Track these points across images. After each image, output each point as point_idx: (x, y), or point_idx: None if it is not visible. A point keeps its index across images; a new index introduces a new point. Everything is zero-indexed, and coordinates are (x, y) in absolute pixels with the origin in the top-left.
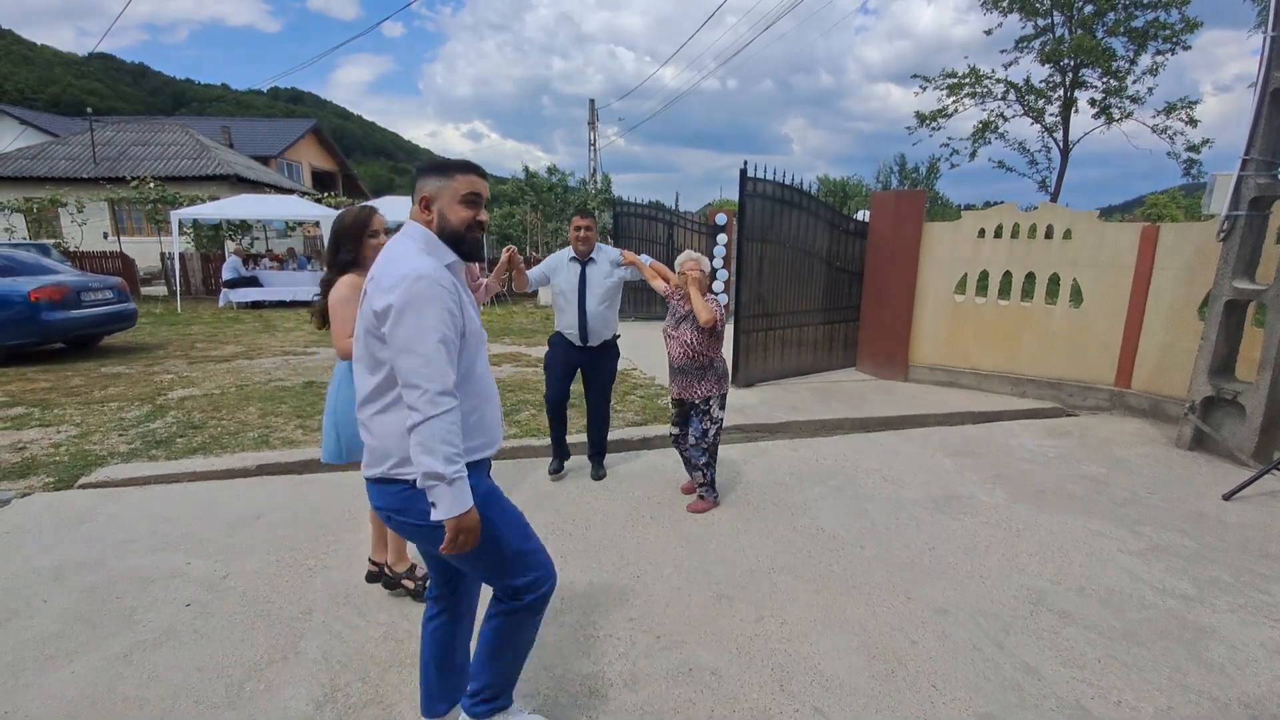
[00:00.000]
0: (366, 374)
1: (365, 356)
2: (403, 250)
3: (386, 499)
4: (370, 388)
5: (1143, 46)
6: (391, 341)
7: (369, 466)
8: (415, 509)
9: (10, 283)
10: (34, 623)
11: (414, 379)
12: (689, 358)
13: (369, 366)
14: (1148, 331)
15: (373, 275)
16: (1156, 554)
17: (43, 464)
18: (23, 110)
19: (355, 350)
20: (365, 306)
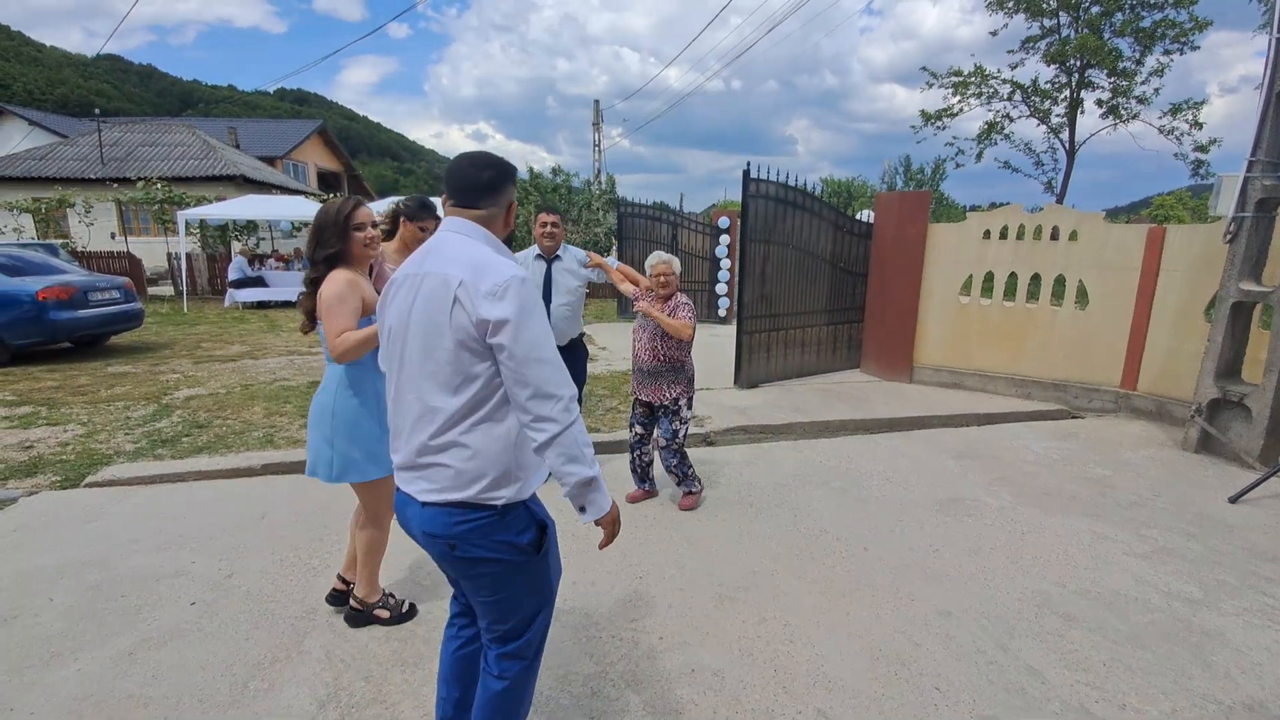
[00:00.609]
0: (444, 392)
1: (444, 370)
2: (480, 251)
3: (457, 528)
4: (458, 405)
5: (1149, 47)
6: (515, 352)
7: (446, 490)
8: (492, 540)
9: (18, 282)
10: (39, 620)
11: (549, 388)
12: (659, 360)
13: (450, 382)
14: (1154, 333)
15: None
16: (1162, 557)
17: (49, 463)
18: (31, 111)
19: (425, 365)
20: (448, 316)
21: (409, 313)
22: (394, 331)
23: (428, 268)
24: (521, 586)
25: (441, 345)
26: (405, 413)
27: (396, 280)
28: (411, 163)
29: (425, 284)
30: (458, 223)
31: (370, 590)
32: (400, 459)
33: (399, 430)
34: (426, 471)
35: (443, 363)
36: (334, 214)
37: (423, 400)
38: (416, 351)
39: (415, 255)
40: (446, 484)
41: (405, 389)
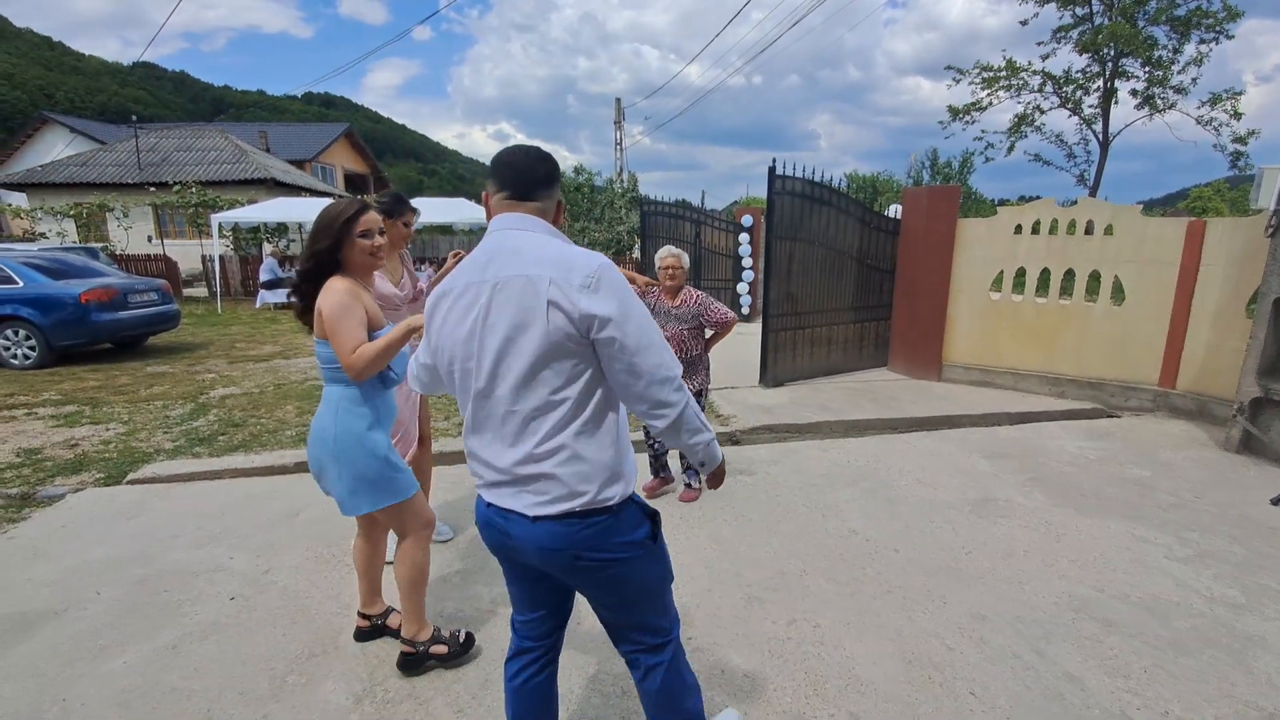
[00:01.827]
0: (544, 399)
1: (543, 377)
2: (553, 244)
3: (578, 537)
4: (562, 411)
5: (1186, 35)
6: (626, 343)
7: (559, 501)
8: (613, 541)
9: (62, 285)
10: (88, 614)
11: (663, 371)
12: (682, 355)
13: (550, 388)
14: (1194, 330)
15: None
16: (1204, 560)
17: (94, 460)
18: (72, 119)
19: (516, 374)
20: (544, 319)
21: (482, 323)
22: (459, 346)
23: (499, 273)
24: (646, 579)
25: (536, 351)
26: (493, 427)
27: (450, 292)
28: (435, 164)
29: (502, 290)
30: (515, 218)
31: (421, 626)
32: (494, 475)
33: (485, 446)
34: (533, 485)
35: (540, 369)
36: (333, 215)
37: (518, 411)
38: (503, 362)
39: (473, 262)
40: (559, 494)
41: (492, 403)
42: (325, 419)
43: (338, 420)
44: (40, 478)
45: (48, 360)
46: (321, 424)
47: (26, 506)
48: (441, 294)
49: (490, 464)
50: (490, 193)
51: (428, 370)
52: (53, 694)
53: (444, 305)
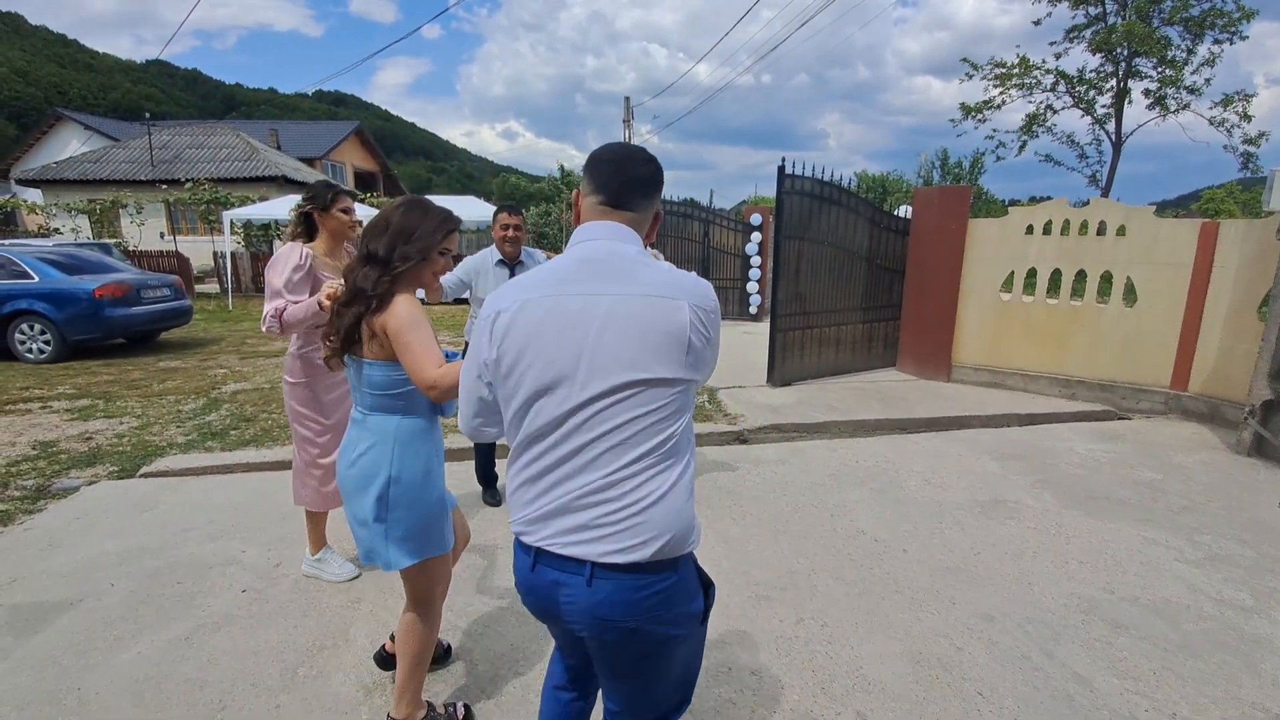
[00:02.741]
0: (651, 431)
1: (654, 405)
2: (659, 265)
3: (639, 594)
4: (664, 445)
5: (1200, 36)
6: (709, 351)
7: (630, 551)
8: (674, 612)
9: (77, 280)
10: (102, 604)
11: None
12: None
13: (659, 418)
14: (1206, 332)
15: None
16: (1214, 563)
17: (108, 453)
18: (86, 116)
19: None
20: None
21: (584, 341)
22: (545, 366)
23: (611, 288)
24: (687, 662)
25: (654, 376)
26: (570, 462)
27: (533, 303)
28: (444, 162)
29: (621, 309)
30: (609, 228)
31: (415, 705)
32: (560, 520)
33: (555, 484)
34: (612, 531)
35: (655, 396)
36: (437, 222)
37: (615, 443)
38: (609, 385)
39: (559, 272)
40: (634, 539)
41: (579, 432)
42: (378, 458)
43: (398, 460)
44: (55, 470)
45: (62, 354)
46: (372, 464)
47: (42, 498)
48: (520, 305)
49: (549, 503)
50: (583, 194)
51: (480, 401)
52: (68, 683)
53: (521, 319)
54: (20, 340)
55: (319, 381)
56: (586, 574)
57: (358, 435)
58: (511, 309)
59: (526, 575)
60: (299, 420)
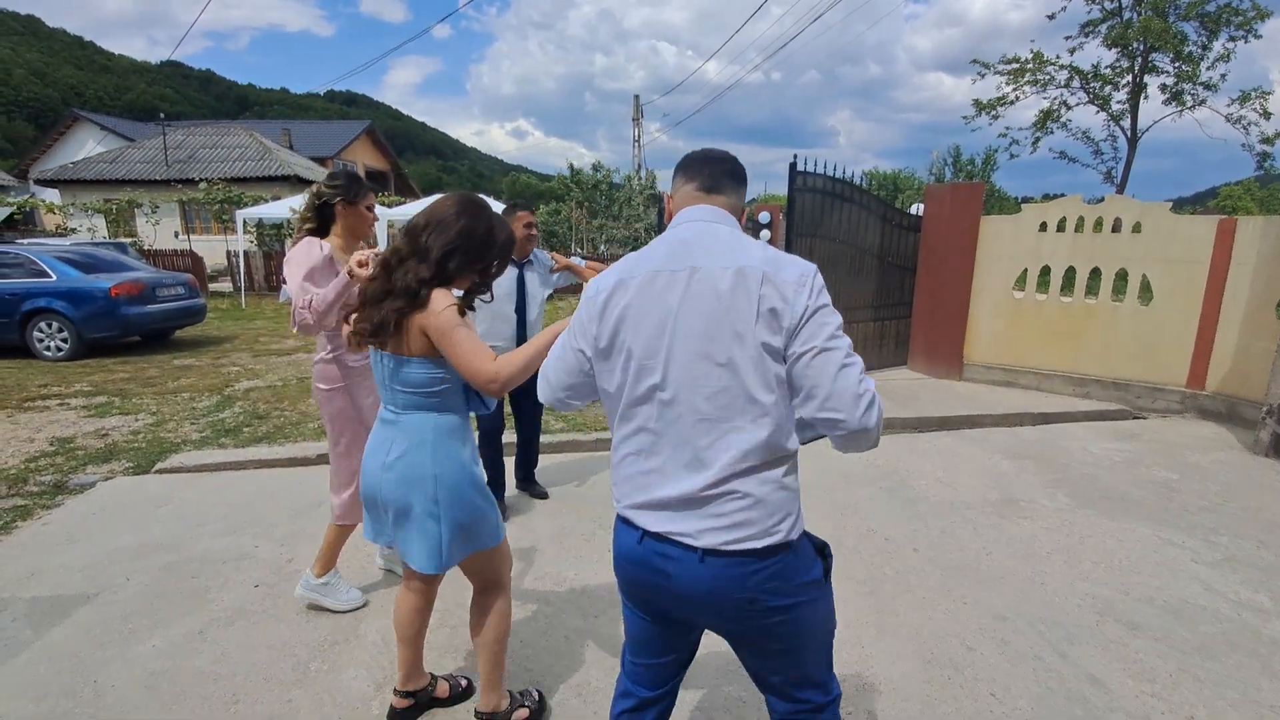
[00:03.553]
0: (745, 408)
1: (746, 382)
2: (754, 241)
3: (755, 579)
4: (763, 422)
5: (1215, 32)
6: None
7: (750, 538)
8: (793, 584)
9: (93, 279)
10: (118, 598)
11: (843, 380)
12: None
13: (755, 395)
14: (1223, 330)
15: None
16: (1231, 565)
17: (123, 450)
18: (102, 116)
19: (712, 378)
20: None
21: (675, 315)
22: (643, 341)
23: (697, 261)
24: (818, 625)
25: (742, 352)
26: (673, 439)
27: (629, 280)
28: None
29: (704, 280)
30: (706, 210)
31: (500, 695)
32: (663, 496)
33: (655, 461)
34: (717, 509)
35: (745, 373)
36: (505, 239)
37: (712, 422)
38: (700, 361)
39: (654, 251)
40: (743, 522)
41: (677, 409)
42: (418, 458)
43: (439, 457)
44: (72, 466)
45: (79, 352)
46: (414, 463)
47: (60, 494)
48: (617, 282)
49: (660, 482)
50: (675, 189)
51: (574, 374)
52: (85, 675)
53: (621, 296)
54: (39, 338)
55: (358, 385)
56: (698, 554)
57: (391, 436)
58: (609, 287)
59: (632, 550)
60: (341, 428)
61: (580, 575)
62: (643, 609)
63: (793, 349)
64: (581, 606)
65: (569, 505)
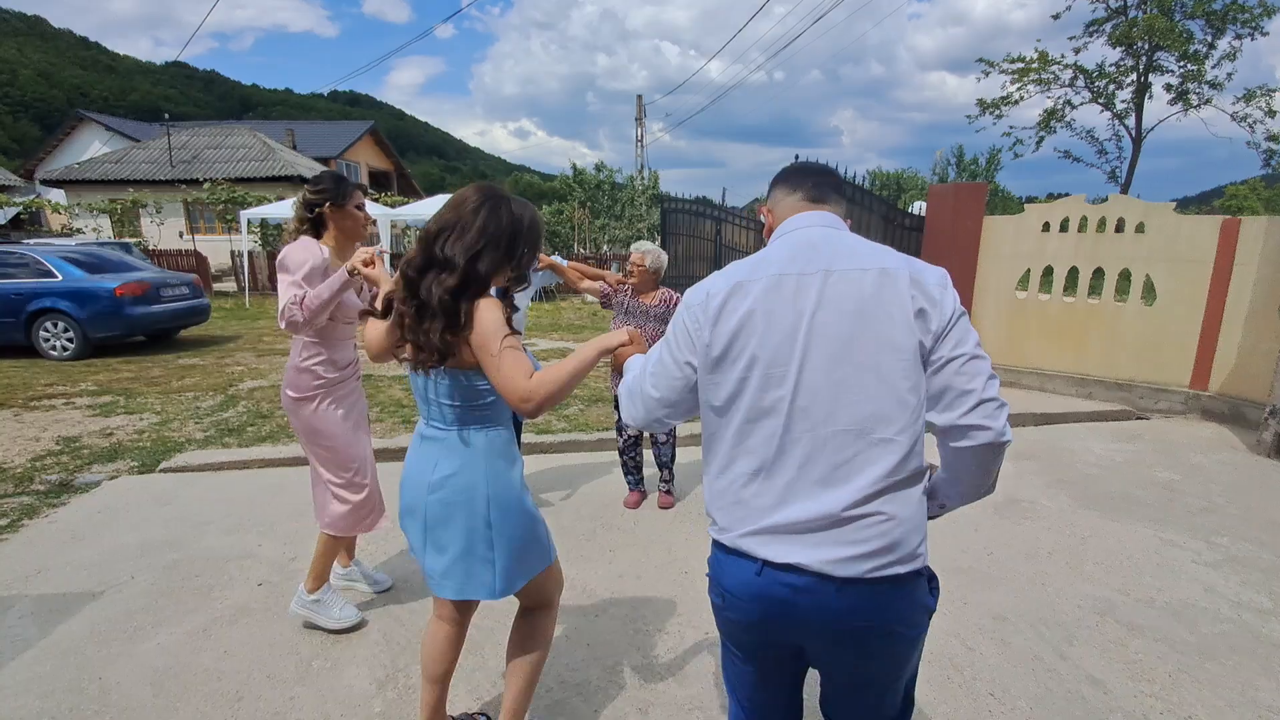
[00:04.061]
0: (890, 420)
1: (894, 393)
2: (878, 244)
3: (895, 606)
4: (906, 436)
5: (1221, 30)
6: (970, 352)
7: (898, 564)
8: (920, 609)
9: (99, 279)
10: (123, 596)
11: (992, 388)
12: None
13: (901, 406)
14: (1227, 331)
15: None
16: (1232, 565)
17: (129, 449)
18: (107, 117)
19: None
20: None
21: (807, 320)
22: (768, 349)
23: (831, 264)
24: (917, 654)
25: (891, 357)
26: (802, 455)
27: (748, 283)
28: (457, 161)
29: (842, 283)
30: (821, 215)
31: None
32: (792, 515)
33: (782, 480)
34: (859, 532)
35: (894, 379)
36: (538, 235)
37: (854, 434)
38: (836, 369)
39: (775, 256)
40: (892, 551)
41: (810, 422)
42: (470, 478)
43: (492, 475)
44: (78, 465)
45: (85, 352)
46: (465, 486)
47: (65, 492)
48: (734, 285)
49: (788, 502)
50: (776, 201)
51: (679, 391)
52: (91, 672)
53: (740, 300)
54: (44, 338)
55: (335, 389)
56: (836, 583)
57: (436, 454)
58: (723, 291)
59: (750, 584)
60: (321, 440)
61: (581, 575)
62: (752, 649)
63: (941, 353)
64: (582, 606)
65: (570, 505)
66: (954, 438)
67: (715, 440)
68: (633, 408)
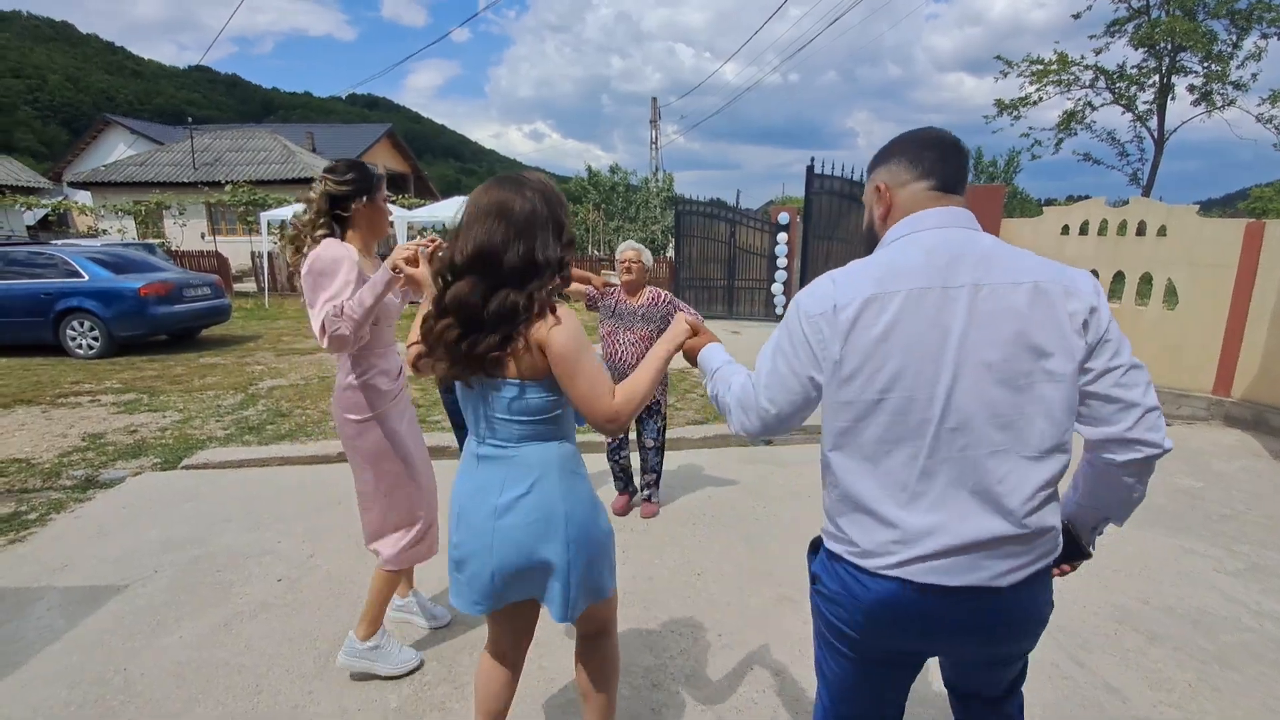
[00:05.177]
0: (1054, 435)
1: (1057, 409)
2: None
3: (1049, 591)
4: (1064, 460)
5: (1246, 29)
6: (1128, 362)
7: (1035, 561)
8: (1050, 593)
9: (123, 279)
10: (146, 590)
11: (1152, 395)
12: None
13: (1063, 422)
14: (1250, 336)
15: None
16: (1254, 574)
17: (152, 446)
18: (132, 120)
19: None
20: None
21: (956, 338)
22: (913, 365)
23: (977, 276)
24: None
25: (1051, 373)
26: (947, 478)
27: (883, 297)
28: (473, 162)
29: (994, 298)
30: (957, 213)
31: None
32: (946, 541)
33: (934, 500)
34: (1021, 551)
35: (1052, 395)
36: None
37: (1009, 453)
38: (992, 388)
39: (914, 259)
40: (1048, 556)
41: (964, 443)
42: (546, 496)
43: (568, 492)
44: (103, 461)
45: (110, 350)
46: (541, 505)
47: (91, 488)
48: (869, 298)
49: (942, 527)
50: (900, 182)
51: (798, 405)
52: (116, 664)
53: (877, 314)
54: (71, 336)
55: (393, 411)
56: (998, 592)
57: (501, 475)
58: (856, 302)
59: (899, 604)
60: (387, 463)
61: None
62: (885, 661)
63: (1098, 364)
64: None
65: (676, 490)
66: (1115, 451)
67: (842, 457)
68: (747, 421)
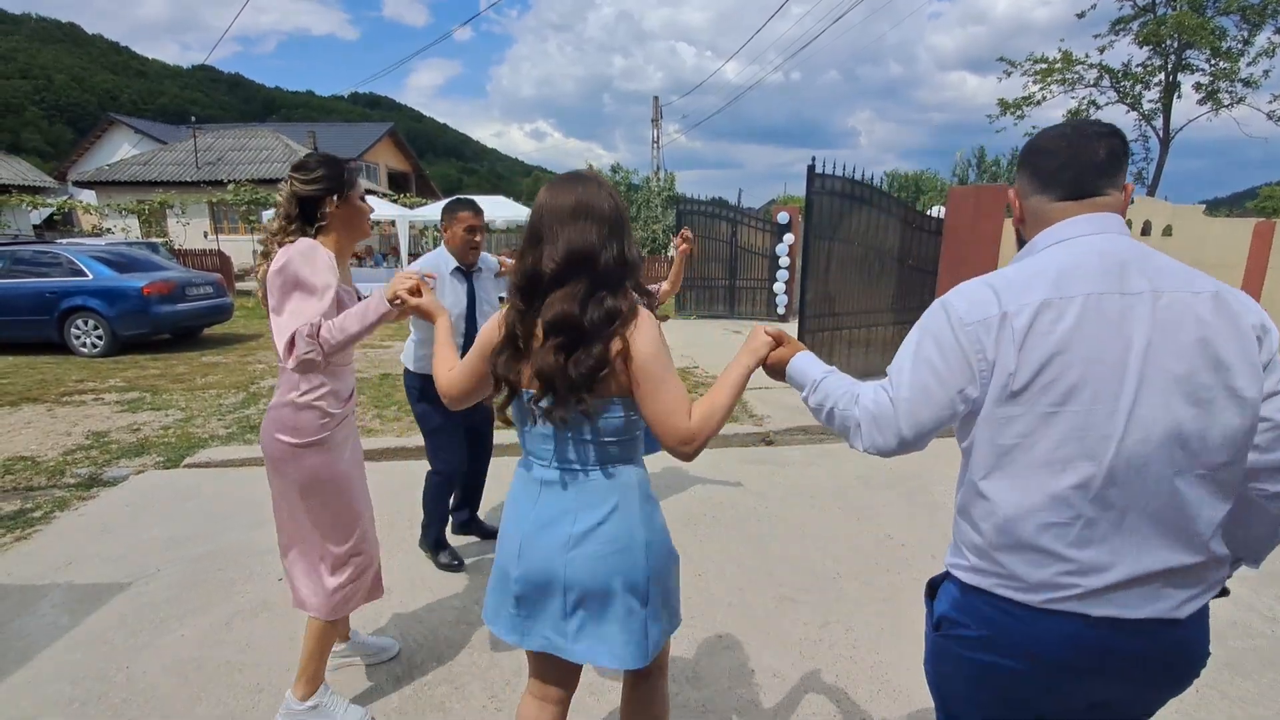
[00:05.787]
0: (1235, 460)
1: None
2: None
3: (1207, 632)
4: (1236, 494)
5: (1259, 25)
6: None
7: (1207, 590)
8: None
9: (127, 278)
10: (149, 588)
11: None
12: None
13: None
14: None
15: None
16: (1264, 580)
17: (154, 444)
18: (135, 119)
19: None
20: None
21: (1139, 350)
22: (1087, 382)
23: (1156, 283)
24: None
25: (1239, 391)
26: (1125, 504)
27: (1057, 303)
28: (474, 162)
29: (1173, 308)
30: (1110, 220)
31: None
32: (1128, 571)
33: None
34: (1203, 579)
35: (1231, 420)
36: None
37: (1196, 478)
38: (1179, 407)
39: (1090, 263)
40: (1218, 580)
41: (1145, 464)
42: (627, 523)
43: (648, 520)
44: (106, 459)
45: (113, 349)
46: (622, 534)
47: (95, 486)
48: (1041, 303)
49: (1120, 557)
50: (1025, 192)
51: (943, 418)
52: (118, 661)
53: (1053, 321)
54: (75, 335)
55: (343, 426)
56: (1177, 624)
57: (572, 501)
58: (1028, 310)
59: (1071, 641)
60: (323, 495)
61: None
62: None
63: (1267, 385)
64: None
65: (677, 490)
66: (1268, 481)
67: (1003, 480)
68: (881, 439)
